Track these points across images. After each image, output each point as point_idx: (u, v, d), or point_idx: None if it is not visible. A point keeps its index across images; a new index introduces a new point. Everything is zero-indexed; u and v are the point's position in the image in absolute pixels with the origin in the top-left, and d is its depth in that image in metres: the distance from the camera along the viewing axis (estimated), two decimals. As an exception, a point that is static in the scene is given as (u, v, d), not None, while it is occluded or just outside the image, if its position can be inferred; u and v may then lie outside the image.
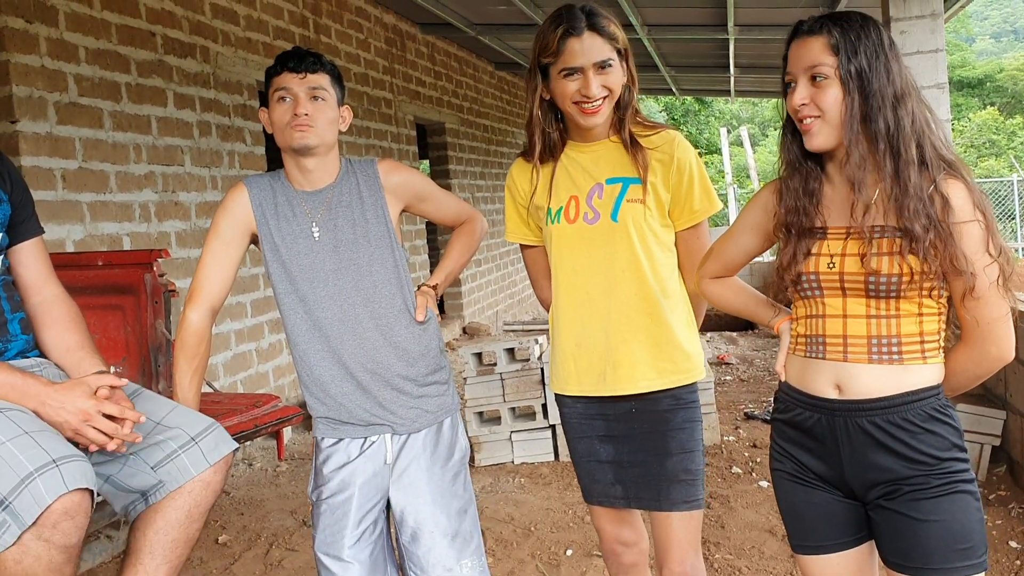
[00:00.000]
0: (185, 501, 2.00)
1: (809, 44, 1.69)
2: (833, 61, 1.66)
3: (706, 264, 2.05)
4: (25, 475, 1.73)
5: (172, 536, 2.00)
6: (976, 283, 1.63)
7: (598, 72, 2.04)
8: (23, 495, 1.72)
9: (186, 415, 2.08)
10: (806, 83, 1.69)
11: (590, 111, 2.07)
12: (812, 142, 1.70)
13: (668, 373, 2.15)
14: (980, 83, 31.03)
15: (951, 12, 6.58)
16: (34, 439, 1.80)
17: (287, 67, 2.12)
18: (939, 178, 1.64)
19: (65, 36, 4.56)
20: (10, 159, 2.23)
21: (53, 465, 1.74)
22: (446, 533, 2.17)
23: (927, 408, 1.68)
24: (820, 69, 1.67)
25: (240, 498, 4.69)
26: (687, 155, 2.15)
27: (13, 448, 1.77)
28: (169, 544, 2.00)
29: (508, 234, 2.35)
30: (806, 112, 1.69)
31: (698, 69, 11.84)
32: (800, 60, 1.70)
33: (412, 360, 2.20)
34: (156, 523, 1.99)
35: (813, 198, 1.76)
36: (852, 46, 1.66)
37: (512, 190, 2.29)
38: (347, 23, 7.82)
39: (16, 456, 1.76)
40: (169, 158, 5.36)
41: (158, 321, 3.04)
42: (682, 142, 2.17)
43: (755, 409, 5.95)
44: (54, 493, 1.72)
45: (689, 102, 24.24)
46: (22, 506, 1.72)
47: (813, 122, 1.69)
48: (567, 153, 2.19)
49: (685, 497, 2.16)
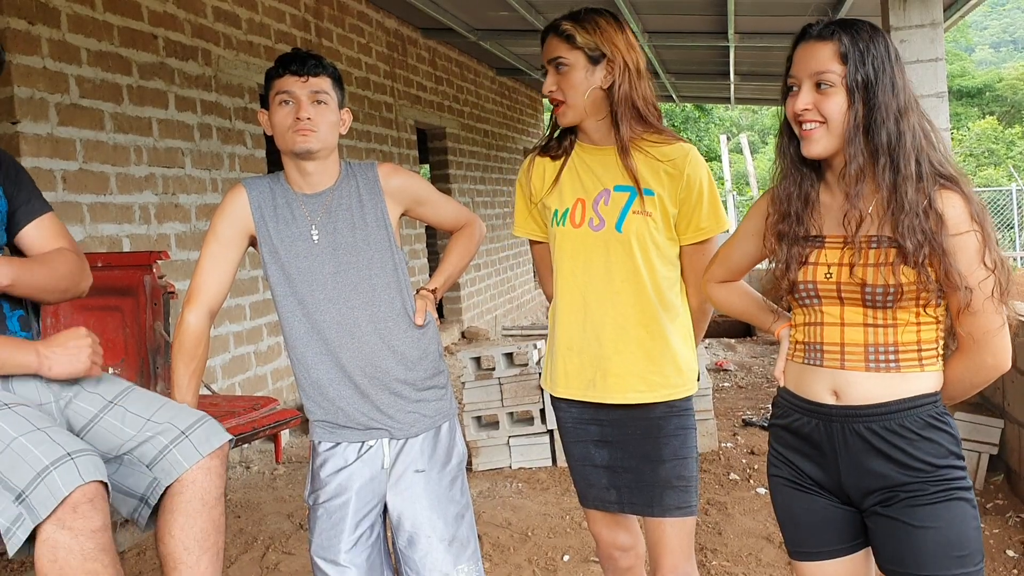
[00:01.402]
0: (193, 491, 1.99)
1: (817, 49, 1.67)
2: (841, 69, 1.64)
3: (712, 269, 2.05)
4: (41, 468, 1.73)
5: (199, 526, 1.99)
6: (972, 298, 1.62)
7: (554, 71, 2.14)
8: (39, 488, 1.72)
9: (176, 410, 2.06)
10: (810, 88, 1.67)
11: (555, 105, 2.16)
12: (810, 149, 1.69)
13: (658, 387, 2.15)
14: (979, 92, 31.07)
15: (951, 21, 6.59)
16: (47, 434, 1.81)
17: (289, 70, 2.11)
18: (934, 191, 1.63)
19: (67, 37, 4.57)
20: (1, 148, 2.22)
21: (68, 458, 1.75)
22: (443, 538, 2.17)
23: (924, 415, 1.68)
24: (827, 76, 1.65)
25: (237, 501, 4.68)
26: (698, 171, 2.14)
27: (27, 443, 1.78)
28: (199, 534, 1.99)
29: (516, 228, 2.37)
30: (808, 117, 1.67)
31: (698, 76, 11.85)
32: (806, 65, 1.68)
33: (411, 364, 2.20)
34: (177, 521, 1.98)
35: (808, 205, 1.75)
36: (861, 55, 1.64)
37: (523, 185, 2.31)
38: (349, 27, 7.83)
39: (31, 450, 1.77)
40: (170, 160, 5.36)
41: (157, 323, 3.04)
42: (695, 158, 2.16)
43: (753, 416, 5.94)
44: (71, 485, 1.72)
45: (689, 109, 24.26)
46: (38, 499, 1.72)
47: (814, 129, 1.67)
48: (577, 153, 2.21)
49: (678, 503, 2.17)
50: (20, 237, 2.13)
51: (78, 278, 2.16)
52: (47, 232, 2.15)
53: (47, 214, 2.17)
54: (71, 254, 2.15)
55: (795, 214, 1.75)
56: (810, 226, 1.75)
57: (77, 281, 2.17)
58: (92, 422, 2.04)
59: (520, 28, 8.63)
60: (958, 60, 33.24)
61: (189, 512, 1.99)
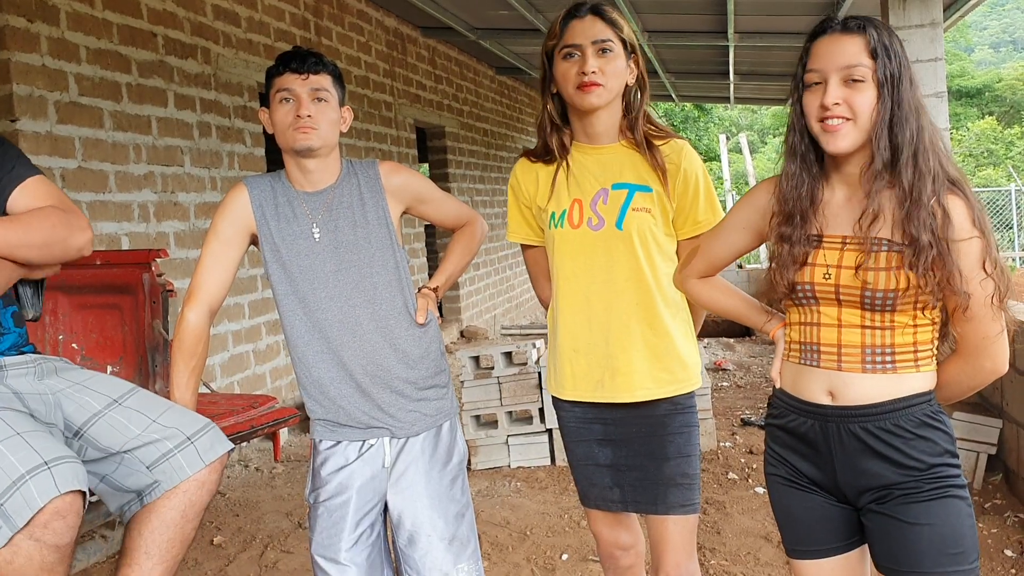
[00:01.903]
0: (180, 500, 2.00)
1: (845, 43, 1.64)
2: (871, 63, 1.62)
3: (692, 263, 2.00)
4: (17, 477, 1.72)
5: (168, 535, 2.00)
6: (971, 302, 1.62)
7: (598, 54, 2.07)
8: (15, 497, 1.71)
9: (182, 414, 2.07)
10: (839, 83, 1.63)
11: (587, 84, 2.06)
12: (837, 144, 1.65)
13: (665, 383, 2.16)
14: (979, 93, 31.08)
15: (951, 21, 6.59)
16: (25, 440, 1.79)
17: (289, 67, 2.11)
18: (941, 192, 1.63)
19: (66, 35, 4.56)
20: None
21: (45, 467, 1.74)
22: (443, 537, 2.17)
23: (919, 414, 1.68)
24: (859, 70, 1.62)
25: (236, 500, 4.68)
26: (693, 166, 2.15)
27: (4, 449, 1.76)
28: (165, 544, 2.00)
29: (510, 234, 2.35)
30: (838, 112, 1.63)
31: (698, 76, 11.85)
32: (834, 58, 1.64)
33: (412, 363, 2.19)
34: (151, 523, 1.99)
35: (814, 203, 1.73)
36: (887, 51, 1.63)
37: (515, 190, 2.30)
38: (348, 26, 7.82)
39: (7, 458, 1.75)
40: (169, 159, 5.36)
41: (156, 321, 3.04)
42: (690, 152, 2.17)
43: (752, 415, 5.95)
44: (46, 496, 1.71)
45: (688, 108, 24.26)
46: (14, 508, 1.71)
47: (842, 124, 1.64)
48: (573, 155, 2.19)
49: (682, 501, 2.17)
50: (9, 205, 2.03)
51: (62, 233, 2.01)
52: (33, 194, 2.05)
53: (33, 176, 2.07)
54: (51, 209, 2.03)
55: (801, 214, 1.73)
56: (812, 225, 1.73)
57: (63, 236, 2.01)
58: (95, 417, 2.03)
59: (520, 27, 8.63)
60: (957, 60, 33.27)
61: (165, 520, 2.00)
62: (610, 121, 2.16)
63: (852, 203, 1.71)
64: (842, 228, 1.71)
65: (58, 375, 2.10)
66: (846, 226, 1.70)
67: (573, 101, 2.12)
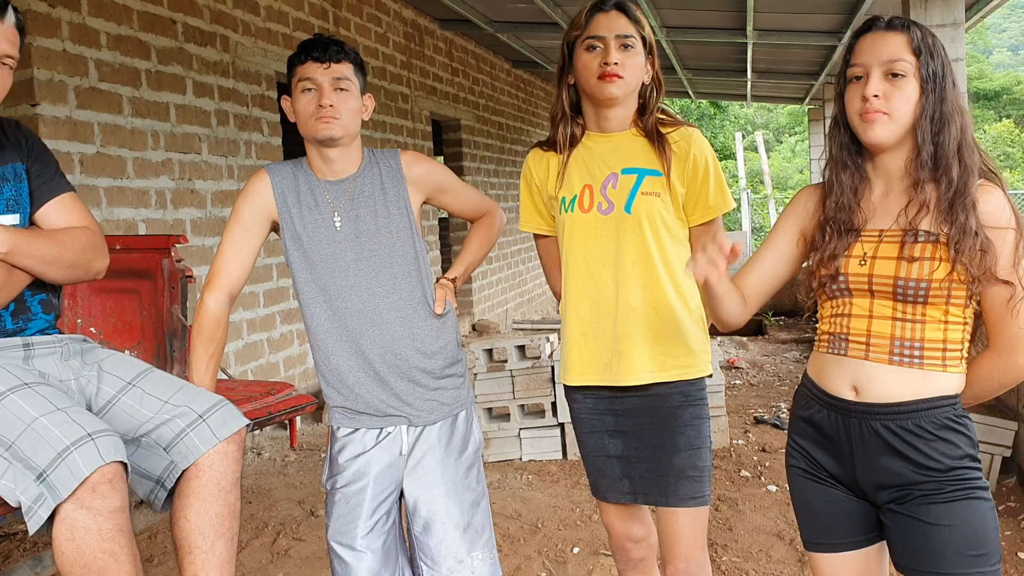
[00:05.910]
0: (209, 476, 1.99)
1: (889, 39, 1.69)
2: (914, 60, 1.67)
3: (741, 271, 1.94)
4: (62, 448, 1.74)
5: (214, 511, 1.99)
6: (1013, 293, 1.64)
7: (620, 48, 2.10)
8: (60, 468, 1.73)
9: (194, 393, 2.06)
10: (880, 77, 1.68)
11: (608, 74, 2.09)
12: (875, 133, 1.69)
13: (669, 368, 2.17)
14: (997, 95, 30.86)
15: (972, 21, 6.56)
16: (68, 415, 1.81)
17: (311, 56, 2.10)
18: (979, 184, 1.67)
19: (87, 21, 4.58)
20: (26, 127, 2.20)
21: (89, 439, 1.76)
22: (458, 525, 2.17)
23: (942, 416, 1.68)
24: (901, 65, 1.67)
25: (248, 487, 4.70)
26: (702, 151, 2.17)
27: (48, 423, 1.78)
28: (214, 519, 1.99)
29: (522, 224, 2.36)
30: (877, 105, 1.67)
31: (715, 72, 11.82)
32: (877, 53, 1.69)
33: (430, 352, 2.20)
34: (193, 505, 1.98)
35: (857, 196, 1.76)
36: (929, 50, 1.68)
37: (528, 179, 2.32)
38: (367, 17, 7.83)
39: (51, 431, 1.77)
40: (186, 146, 5.38)
41: (174, 306, 3.05)
42: (699, 138, 2.20)
43: (765, 414, 5.93)
44: (92, 466, 1.73)
45: (704, 106, 24.19)
46: (59, 479, 1.72)
47: (880, 116, 1.68)
48: (584, 143, 2.22)
49: (692, 493, 2.17)
50: (40, 215, 2.11)
51: (89, 256, 2.11)
52: (66, 210, 2.14)
53: (68, 193, 2.16)
54: (84, 231, 2.12)
55: (847, 206, 1.76)
56: (855, 217, 1.76)
57: (88, 259, 2.12)
58: (111, 402, 2.04)
59: (538, 21, 8.61)
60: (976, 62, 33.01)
61: (205, 497, 1.98)
62: (624, 116, 2.19)
63: (889, 199, 1.74)
64: (879, 223, 1.73)
65: (82, 357, 2.11)
66: (883, 221, 1.73)
67: (593, 91, 2.14)
